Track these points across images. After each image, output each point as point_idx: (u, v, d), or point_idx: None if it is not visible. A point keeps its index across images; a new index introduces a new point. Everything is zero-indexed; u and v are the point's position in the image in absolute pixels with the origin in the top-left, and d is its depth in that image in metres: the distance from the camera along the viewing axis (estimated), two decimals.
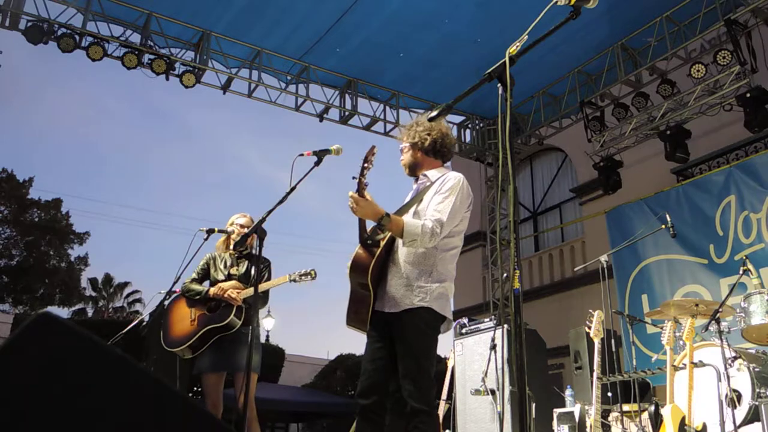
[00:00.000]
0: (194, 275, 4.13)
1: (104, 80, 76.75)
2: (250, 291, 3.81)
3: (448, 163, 3.28)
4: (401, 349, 2.69)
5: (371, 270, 2.75)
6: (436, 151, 2.99)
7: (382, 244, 2.82)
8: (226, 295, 3.85)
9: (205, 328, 3.85)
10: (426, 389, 2.62)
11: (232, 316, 3.81)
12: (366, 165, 2.72)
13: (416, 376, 2.62)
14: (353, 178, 2.70)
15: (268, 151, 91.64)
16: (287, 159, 2.80)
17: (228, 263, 4.11)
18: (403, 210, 2.88)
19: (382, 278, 2.81)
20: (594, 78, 8.55)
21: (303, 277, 3.68)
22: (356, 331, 2.81)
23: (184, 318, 3.99)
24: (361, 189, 2.69)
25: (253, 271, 3.98)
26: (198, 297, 3.98)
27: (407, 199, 2.98)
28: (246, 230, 3.99)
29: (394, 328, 2.73)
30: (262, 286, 3.83)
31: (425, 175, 2.96)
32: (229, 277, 4.03)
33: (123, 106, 70.32)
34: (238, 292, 3.85)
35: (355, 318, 2.81)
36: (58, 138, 63.04)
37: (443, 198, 2.77)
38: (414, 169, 3.02)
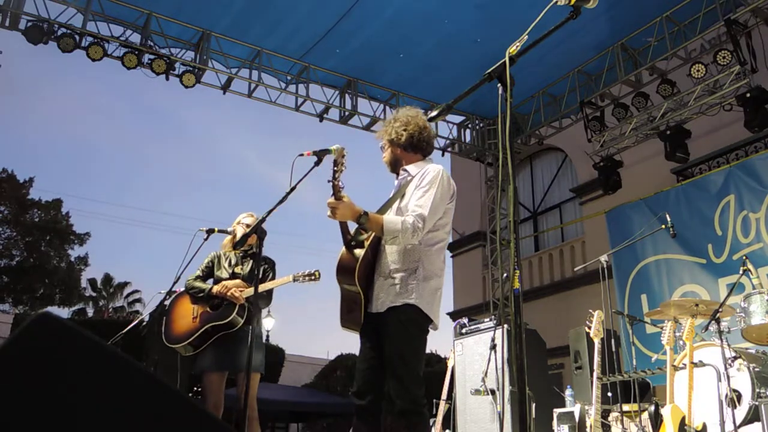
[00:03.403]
0: (198, 272, 4.14)
1: (103, 80, 76.78)
2: (274, 284, 3.83)
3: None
4: (388, 347, 2.67)
5: (357, 271, 2.73)
6: (414, 146, 2.95)
7: (367, 244, 2.79)
8: (229, 294, 3.87)
9: (207, 326, 3.85)
10: (412, 387, 2.58)
11: (234, 314, 3.82)
12: (336, 168, 2.68)
13: (402, 374, 2.59)
14: (328, 181, 2.68)
15: (266, 150, 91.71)
16: (285, 158, 2.81)
17: (233, 262, 4.13)
18: (385, 206, 2.87)
19: (370, 279, 2.79)
20: (594, 78, 8.55)
21: (307, 278, 3.69)
22: (351, 331, 2.79)
23: (187, 315, 4.00)
24: (336, 192, 2.66)
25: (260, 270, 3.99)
26: (201, 294, 3.99)
27: (390, 197, 2.97)
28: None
29: (381, 327, 2.71)
30: (266, 286, 3.84)
31: (405, 170, 2.93)
32: (233, 276, 4.04)
33: (121, 105, 70.37)
34: (241, 291, 3.86)
35: (349, 318, 2.79)
36: (58, 138, 63.08)
37: (423, 192, 2.74)
38: (395, 166, 2.99)
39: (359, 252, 2.78)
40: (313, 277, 3.67)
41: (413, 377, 2.61)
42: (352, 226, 2.84)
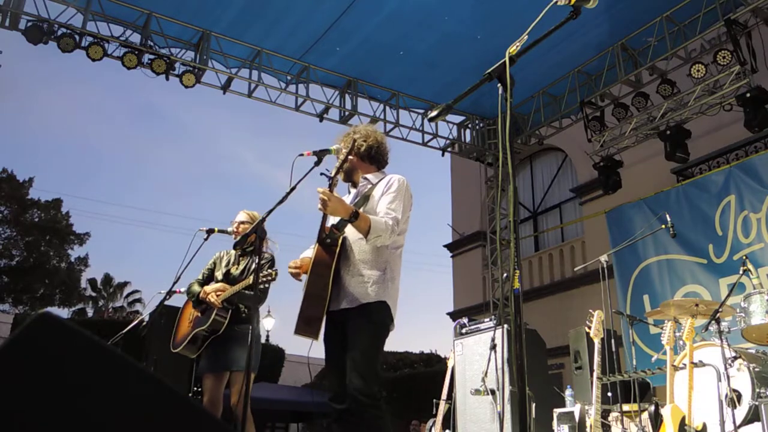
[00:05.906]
0: (199, 276, 4.17)
1: (103, 80, 76.75)
2: (234, 289, 3.85)
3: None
4: (353, 342, 2.72)
5: (333, 268, 2.78)
6: (371, 157, 3.07)
7: (339, 242, 2.84)
8: (208, 299, 3.89)
9: (194, 331, 3.91)
10: (373, 385, 2.66)
11: (212, 317, 3.84)
12: (346, 161, 2.78)
13: (364, 371, 2.67)
14: (321, 174, 2.74)
15: (266, 150, 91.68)
16: (284, 158, 2.83)
17: (231, 261, 4.14)
18: None
19: (337, 277, 2.84)
20: (594, 78, 8.55)
21: (264, 278, 3.69)
22: (306, 338, 2.78)
23: (187, 319, 4.07)
24: (332, 186, 2.74)
25: (252, 268, 3.98)
26: (194, 299, 4.04)
27: (348, 202, 2.96)
28: (246, 227, 4.00)
29: (348, 323, 2.76)
30: (228, 292, 3.86)
31: (366, 178, 3.04)
32: (226, 275, 4.07)
33: (121, 105, 70.34)
34: (217, 295, 3.88)
35: (305, 327, 2.79)
36: (58, 138, 63.09)
37: (393, 198, 2.86)
38: (350, 174, 3.08)
39: (334, 249, 2.83)
40: (270, 277, 3.68)
41: (375, 376, 2.71)
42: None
